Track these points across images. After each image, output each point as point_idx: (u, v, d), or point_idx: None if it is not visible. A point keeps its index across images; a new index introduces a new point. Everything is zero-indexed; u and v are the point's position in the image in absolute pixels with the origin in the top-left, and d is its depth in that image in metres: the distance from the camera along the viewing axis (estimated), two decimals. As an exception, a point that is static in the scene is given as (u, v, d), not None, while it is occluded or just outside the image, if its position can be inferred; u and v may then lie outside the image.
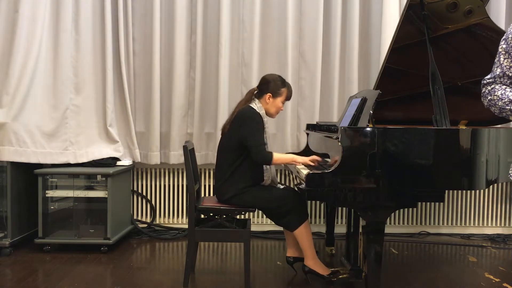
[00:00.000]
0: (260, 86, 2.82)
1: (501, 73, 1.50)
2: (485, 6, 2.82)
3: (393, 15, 3.74)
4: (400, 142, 2.27)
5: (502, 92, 1.48)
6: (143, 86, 3.88)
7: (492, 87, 1.52)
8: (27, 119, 3.40)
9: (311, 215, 4.08)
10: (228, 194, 2.72)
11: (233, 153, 2.72)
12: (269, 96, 2.77)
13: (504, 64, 1.48)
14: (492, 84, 1.53)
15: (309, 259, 2.77)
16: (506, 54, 1.48)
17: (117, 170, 3.51)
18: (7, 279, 2.83)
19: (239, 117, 2.71)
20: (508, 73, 1.48)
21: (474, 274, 3.06)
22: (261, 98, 2.80)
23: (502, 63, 1.49)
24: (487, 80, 1.55)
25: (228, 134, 2.76)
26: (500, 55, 1.50)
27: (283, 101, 2.82)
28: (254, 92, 2.84)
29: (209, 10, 3.86)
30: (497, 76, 1.51)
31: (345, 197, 2.28)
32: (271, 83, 2.77)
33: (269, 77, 2.82)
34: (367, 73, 3.97)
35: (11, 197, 3.33)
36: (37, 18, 3.44)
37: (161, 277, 2.92)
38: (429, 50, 2.56)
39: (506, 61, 1.48)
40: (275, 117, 2.89)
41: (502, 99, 1.47)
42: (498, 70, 1.51)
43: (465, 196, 4.09)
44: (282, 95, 2.80)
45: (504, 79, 1.50)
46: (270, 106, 2.79)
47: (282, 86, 2.79)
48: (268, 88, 2.77)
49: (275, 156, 2.64)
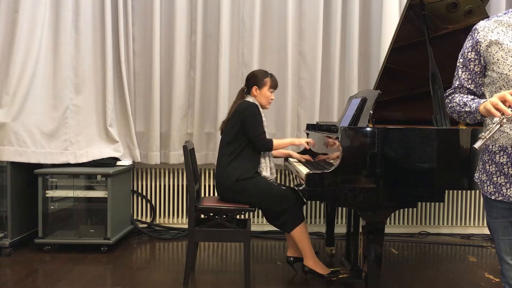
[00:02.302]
0: (247, 82, 3.02)
1: (459, 84, 1.66)
2: (485, 6, 2.82)
3: (393, 15, 3.74)
4: (400, 142, 2.27)
5: (459, 98, 1.63)
6: (143, 86, 3.88)
7: (452, 96, 1.68)
8: (27, 119, 3.40)
9: (311, 215, 4.08)
10: (229, 180, 2.77)
11: (232, 144, 2.85)
12: (255, 88, 2.96)
13: (462, 77, 1.64)
14: (452, 95, 1.69)
15: (308, 259, 2.77)
16: (463, 68, 1.64)
17: (117, 170, 3.51)
18: (7, 279, 2.83)
19: (239, 111, 2.85)
20: (466, 85, 1.64)
21: (474, 274, 3.06)
22: (250, 93, 2.98)
23: (460, 76, 1.65)
24: (448, 92, 1.71)
25: (226, 129, 2.90)
26: (458, 69, 1.66)
27: (270, 91, 2.99)
28: (243, 90, 3.02)
29: (209, 10, 3.86)
30: (456, 87, 1.67)
31: (345, 197, 2.28)
32: (254, 76, 2.98)
33: (252, 73, 3.04)
34: (367, 73, 3.97)
35: (11, 197, 3.33)
36: (37, 18, 3.44)
37: (161, 277, 2.92)
38: (429, 50, 2.57)
39: (464, 74, 1.64)
40: (268, 107, 3.04)
41: (459, 104, 1.62)
42: (457, 82, 1.67)
43: (465, 196, 4.09)
44: (267, 84, 2.97)
45: (463, 89, 1.65)
46: (260, 97, 2.97)
47: (265, 76, 2.98)
48: (253, 81, 2.97)
49: (275, 142, 2.88)
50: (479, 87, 1.63)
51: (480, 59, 1.59)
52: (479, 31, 1.59)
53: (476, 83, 1.63)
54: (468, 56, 1.62)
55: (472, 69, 1.62)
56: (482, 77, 1.62)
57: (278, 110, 3.90)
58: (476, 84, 1.63)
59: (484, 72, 1.61)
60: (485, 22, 1.60)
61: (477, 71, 1.61)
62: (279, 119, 3.90)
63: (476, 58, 1.60)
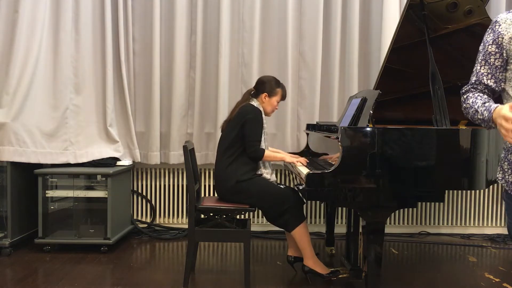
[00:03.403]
0: (257, 86, 2.98)
1: (476, 80, 1.60)
2: (485, 6, 2.82)
3: (393, 15, 3.74)
4: (400, 142, 2.27)
5: (473, 100, 1.57)
6: (143, 86, 3.88)
7: (467, 95, 1.62)
8: (27, 119, 3.40)
9: (311, 215, 4.08)
10: (229, 182, 2.76)
11: (233, 145, 2.82)
12: (265, 95, 2.93)
13: (481, 71, 1.58)
14: (466, 93, 1.63)
15: (308, 258, 2.77)
16: (483, 62, 1.58)
17: (117, 170, 3.51)
18: (7, 279, 2.83)
19: (242, 113, 2.83)
20: (484, 80, 1.58)
21: (474, 274, 3.06)
22: (257, 98, 2.95)
23: (479, 71, 1.59)
24: (464, 89, 1.65)
25: (228, 129, 2.87)
26: (476, 64, 1.61)
27: (278, 101, 2.99)
28: (251, 92, 2.99)
29: (209, 10, 3.86)
30: (473, 83, 1.61)
31: (345, 197, 2.28)
32: (267, 83, 2.94)
33: (265, 78, 2.99)
34: (367, 73, 3.97)
35: (11, 197, 3.33)
36: (37, 18, 3.44)
37: (161, 277, 2.92)
38: (429, 50, 2.57)
39: (483, 68, 1.58)
40: (270, 115, 3.03)
41: (472, 107, 1.56)
42: (474, 78, 1.61)
43: (465, 196, 4.09)
44: (277, 95, 2.96)
45: (480, 86, 1.59)
46: (266, 105, 2.95)
47: (277, 86, 2.96)
48: (265, 88, 2.94)
49: (267, 153, 2.84)
50: (499, 82, 1.57)
51: (502, 53, 1.54)
52: (500, 24, 1.53)
53: (496, 78, 1.57)
54: (489, 50, 1.56)
55: (493, 63, 1.56)
56: (503, 72, 1.56)
57: (278, 110, 3.88)
58: (496, 79, 1.57)
59: (506, 66, 1.55)
60: (506, 14, 1.54)
61: (498, 65, 1.56)
62: (279, 119, 3.90)
63: (497, 51, 1.54)
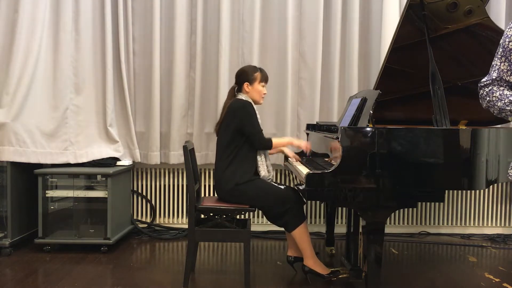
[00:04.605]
0: (237, 80, 2.96)
1: (498, 77, 1.57)
2: (485, 6, 2.82)
3: (393, 15, 3.74)
4: (400, 142, 2.27)
5: (500, 93, 1.55)
6: (143, 86, 3.88)
7: (490, 88, 1.59)
8: (27, 119, 3.40)
9: (311, 215, 4.08)
10: (228, 185, 2.75)
11: (229, 146, 2.80)
12: (247, 85, 2.90)
13: (501, 68, 1.56)
14: (489, 86, 1.60)
15: (308, 259, 2.77)
16: (502, 58, 1.56)
17: (117, 170, 3.51)
18: (7, 279, 2.83)
19: (231, 111, 2.81)
20: (505, 77, 1.55)
21: (474, 274, 3.06)
22: (242, 90, 2.93)
23: (499, 67, 1.56)
24: (484, 82, 1.62)
25: (221, 131, 2.86)
26: (496, 60, 1.58)
27: (262, 85, 2.94)
28: (234, 88, 2.98)
29: (209, 10, 3.86)
30: (494, 79, 1.58)
31: (345, 197, 2.28)
32: (244, 73, 2.93)
33: (241, 69, 2.98)
34: (367, 73, 3.97)
35: (11, 197, 3.33)
36: (37, 18, 3.44)
37: (161, 277, 2.92)
38: (429, 50, 2.57)
39: (503, 65, 1.55)
40: (261, 102, 2.99)
41: (502, 99, 1.53)
42: (495, 74, 1.58)
43: (465, 196, 4.09)
44: (257, 78, 2.91)
45: (501, 82, 1.57)
46: (252, 93, 2.91)
47: (254, 71, 2.92)
48: (243, 78, 2.91)
49: (274, 140, 2.85)
50: None
51: None
52: None
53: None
54: (509, 46, 1.55)
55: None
56: None
57: (278, 110, 3.90)
58: None
59: None
60: None
61: None
62: (279, 119, 3.90)
63: None
